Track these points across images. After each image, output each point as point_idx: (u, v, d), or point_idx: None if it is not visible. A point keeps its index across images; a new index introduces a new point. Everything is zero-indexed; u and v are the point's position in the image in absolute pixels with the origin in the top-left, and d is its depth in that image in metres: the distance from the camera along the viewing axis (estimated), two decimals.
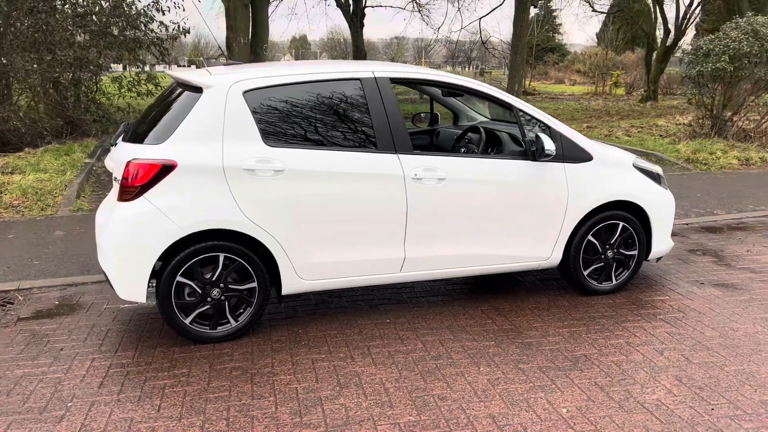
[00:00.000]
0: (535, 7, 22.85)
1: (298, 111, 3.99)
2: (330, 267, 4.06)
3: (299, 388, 3.37)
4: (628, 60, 38.77)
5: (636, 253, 4.72)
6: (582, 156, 4.49)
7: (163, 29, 13.33)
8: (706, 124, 12.27)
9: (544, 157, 4.29)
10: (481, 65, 53.00)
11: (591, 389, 3.36)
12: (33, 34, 10.69)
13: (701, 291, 4.81)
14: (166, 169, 3.68)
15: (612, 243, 4.64)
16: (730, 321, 4.25)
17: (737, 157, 10.42)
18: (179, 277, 3.78)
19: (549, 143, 4.25)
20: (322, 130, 4.02)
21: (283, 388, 3.37)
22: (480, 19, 26.99)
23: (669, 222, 4.86)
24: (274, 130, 3.91)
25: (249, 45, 15.28)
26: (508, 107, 4.43)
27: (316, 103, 4.04)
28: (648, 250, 4.78)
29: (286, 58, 65.88)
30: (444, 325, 4.20)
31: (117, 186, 3.84)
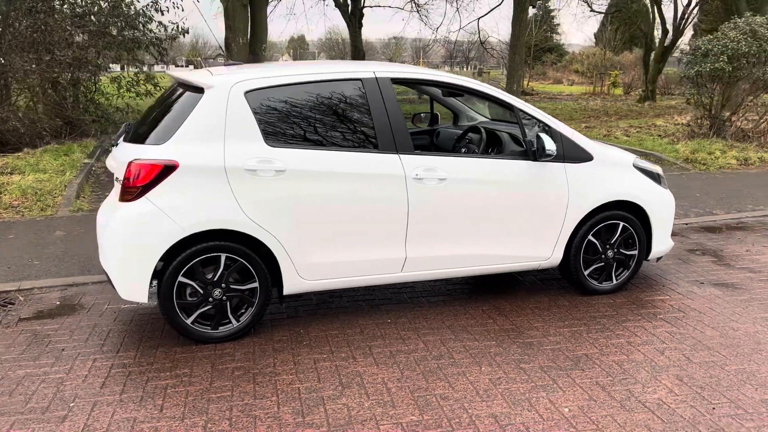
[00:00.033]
0: (534, 7, 22.86)
1: (300, 111, 4.00)
2: (331, 267, 4.06)
3: (301, 388, 3.38)
4: (626, 60, 38.82)
5: (636, 252, 4.73)
6: (582, 156, 4.50)
7: (162, 29, 13.33)
8: (704, 124, 12.30)
9: (544, 157, 4.30)
10: (479, 65, 53.06)
11: (592, 389, 3.37)
12: (32, 34, 10.68)
13: (701, 291, 4.82)
14: (168, 169, 3.68)
15: (612, 243, 4.65)
16: (730, 320, 4.26)
17: (736, 157, 10.44)
18: (181, 278, 3.79)
19: (550, 143, 4.26)
20: (324, 131, 4.03)
21: (286, 388, 3.38)
22: (478, 19, 27.03)
23: (669, 222, 4.88)
24: (276, 131, 3.91)
25: (248, 45, 15.28)
26: (509, 107, 4.44)
27: (317, 103, 4.04)
28: (648, 249, 4.79)
29: (284, 58, 65.87)
30: (445, 325, 4.21)
31: (118, 186, 3.85)
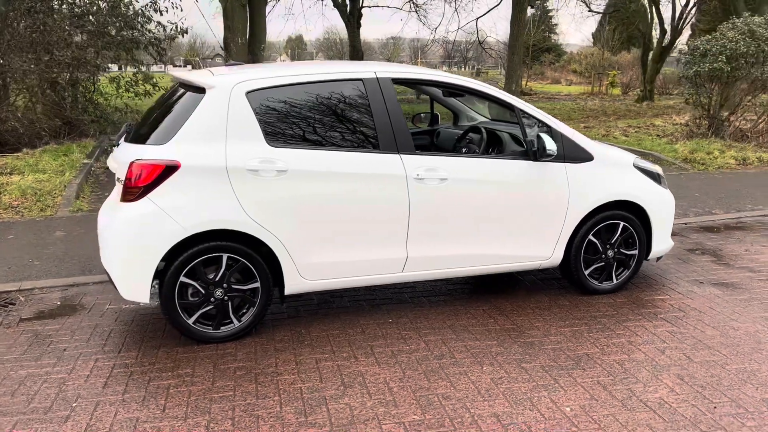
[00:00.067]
0: (533, 7, 22.88)
1: (301, 111, 4.00)
2: (333, 267, 4.07)
3: (303, 388, 3.38)
4: (623, 60, 38.83)
5: (636, 252, 4.74)
6: (583, 156, 4.51)
7: (161, 29, 13.32)
8: (703, 124, 12.32)
9: (545, 157, 4.31)
10: (477, 65, 53.05)
11: (594, 388, 3.38)
12: (31, 34, 10.67)
13: (701, 290, 4.83)
14: (170, 169, 3.68)
15: (612, 242, 4.66)
16: (730, 320, 4.27)
17: (734, 156, 10.46)
18: (183, 278, 3.79)
19: (550, 143, 4.27)
20: (325, 131, 4.03)
21: (288, 388, 3.38)
22: (477, 19, 26.99)
23: (669, 222, 4.89)
24: (277, 131, 3.92)
25: (246, 45, 15.27)
26: (510, 107, 4.45)
27: (318, 103, 4.04)
28: (648, 249, 4.80)
29: (282, 58, 65.74)
30: (446, 324, 4.22)
31: (120, 186, 3.85)
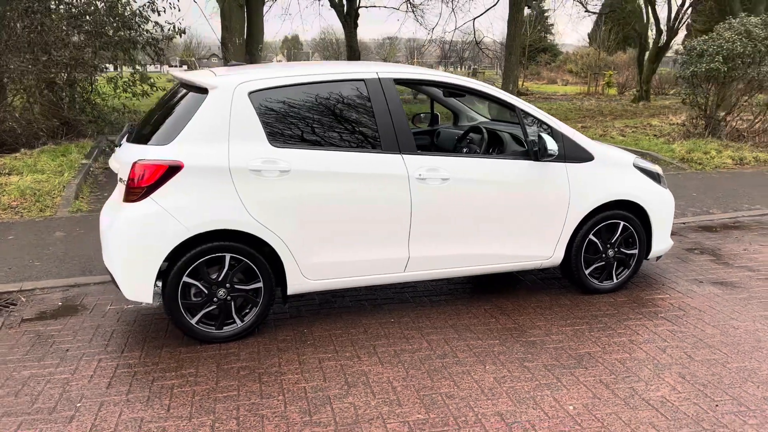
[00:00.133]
0: (530, 7, 22.93)
1: (303, 112, 4.01)
2: (334, 267, 4.08)
3: (307, 387, 3.39)
4: (619, 60, 38.92)
5: (636, 252, 4.76)
6: (583, 156, 4.53)
7: (159, 30, 13.30)
8: (699, 123, 12.37)
9: (546, 157, 4.32)
10: (473, 65, 53.09)
11: (596, 387, 3.40)
12: (28, 34, 10.65)
13: (701, 289, 4.86)
14: (173, 169, 3.69)
15: (613, 242, 4.69)
16: (730, 319, 4.30)
17: (731, 156, 10.51)
18: (185, 278, 3.79)
19: (551, 143, 4.28)
20: (327, 131, 4.04)
21: (292, 387, 3.39)
22: (474, 19, 26.98)
23: (669, 221, 4.91)
24: (279, 131, 3.92)
25: (244, 45, 15.25)
26: (511, 108, 4.46)
27: (320, 104, 4.05)
28: (648, 248, 4.83)
29: (278, 58, 65.67)
30: (448, 324, 4.23)
31: (122, 187, 3.85)
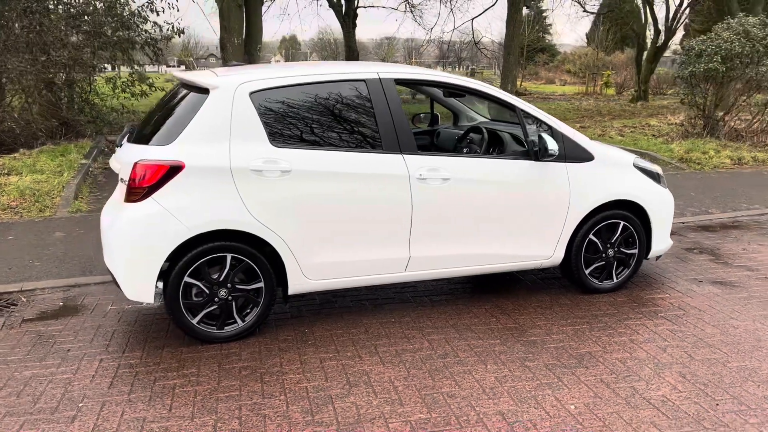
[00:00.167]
0: (528, 7, 22.95)
1: (304, 112, 4.01)
2: (336, 267, 4.08)
3: (309, 387, 3.40)
4: (617, 60, 38.98)
5: (636, 251, 4.78)
6: (583, 156, 4.54)
7: (157, 30, 13.30)
8: (698, 123, 12.39)
9: (547, 157, 4.33)
10: (471, 65, 53.15)
11: (597, 386, 3.41)
12: (27, 35, 10.63)
13: (700, 289, 4.87)
14: (174, 170, 3.69)
15: (613, 242, 4.70)
16: (729, 318, 4.31)
17: (730, 156, 10.53)
18: (187, 278, 3.80)
19: (552, 143, 4.29)
20: (328, 131, 4.05)
21: (293, 387, 3.40)
22: (472, 19, 27.01)
23: (669, 221, 4.93)
24: (281, 131, 3.93)
25: (243, 45, 15.25)
26: (512, 108, 4.47)
27: (321, 104, 4.06)
28: (648, 248, 4.84)
29: (276, 58, 65.69)
30: (449, 324, 4.24)
31: (123, 187, 3.85)
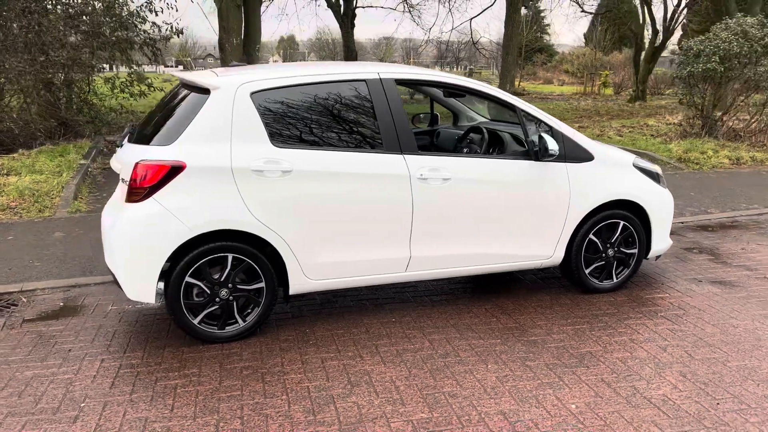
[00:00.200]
0: (526, 7, 22.99)
1: (305, 112, 4.02)
2: (336, 267, 4.09)
3: (311, 387, 3.40)
4: (615, 60, 39.05)
5: (636, 251, 4.79)
6: (584, 156, 4.55)
7: (156, 30, 13.29)
8: (696, 123, 12.42)
9: (547, 158, 4.34)
10: (470, 65, 53.15)
11: (598, 385, 3.41)
12: (26, 35, 10.62)
13: (700, 288, 4.89)
14: (175, 170, 3.69)
15: (613, 242, 4.71)
16: (729, 318, 4.32)
17: (728, 156, 10.56)
18: (188, 278, 3.80)
19: (552, 143, 4.30)
20: (328, 131, 4.05)
21: (295, 387, 3.40)
22: (471, 19, 27.07)
23: (668, 221, 4.94)
24: (281, 131, 3.93)
25: (241, 46, 15.26)
26: (512, 108, 4.48)
27: (322, 104, 4.06)
28: (648, 248, 4.85)
29: (275, 58, 65.69)
30: (449, 323, 4.25)
31: (124, 187, 3.85)
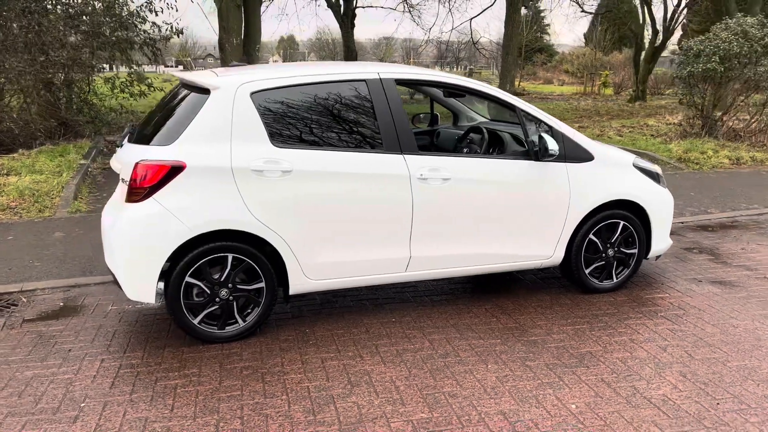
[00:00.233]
0: (527, 7, 22.99)
1: (305, 112, 4.02)
2: (336, 267, 4.09)
3: (311, 387, 3.40)
4: (615, 60, 39.04)
5: (636, 251, 4.79)
6: (584, 156, 4.55)
7: (156, 30, 13.29)
8: (696, 123, 12.42)
9: (547, 158, 4.34)
10: (470, 65, 53.14)
11: (598, 385, 3.41)
12: (26, 35, 10.62)
13: (700, 288, 4.89)
14: (175, 170, 3.69)
15: (613, 242, 4.71)
16: (729, 318, 4.32)
17: (728, 156, 10.56)
18: (188, 278, 3.80)
19: (552, 143, 4.30)
20: (329, 131, 4.05)
21: (295, 387, 3.40)
22: (471, 19, 27.07)
23: (668, 221, 4.94)
24: (281, 131, 3.93)
25: (241, 46, 15.26)
26: (512, 108, 4.48)
27: (322, 104, 4.06)
28: (648, 248, 4.85)
29: (274, 58, 65.70)
30: (449, 323, 4.25)
31: (124, 187, 3.85)
